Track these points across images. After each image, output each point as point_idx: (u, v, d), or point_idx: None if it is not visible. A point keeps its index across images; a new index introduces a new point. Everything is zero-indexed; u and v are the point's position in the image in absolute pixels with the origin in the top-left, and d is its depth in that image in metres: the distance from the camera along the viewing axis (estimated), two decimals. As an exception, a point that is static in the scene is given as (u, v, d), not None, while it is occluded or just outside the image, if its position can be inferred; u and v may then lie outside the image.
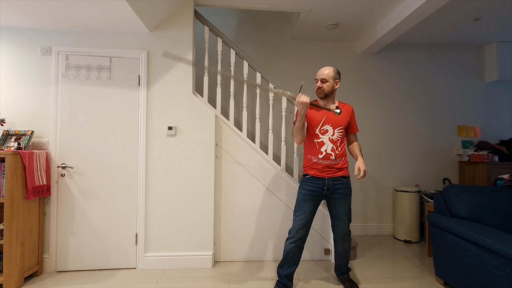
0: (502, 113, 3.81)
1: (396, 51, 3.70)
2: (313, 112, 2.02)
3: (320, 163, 1.99)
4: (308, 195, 2.00)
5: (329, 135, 1.98)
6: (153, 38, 2.54)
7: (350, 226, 2.12)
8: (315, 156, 2.00)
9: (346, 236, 2.08)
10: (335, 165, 1.99)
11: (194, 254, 2.52)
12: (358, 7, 2.77)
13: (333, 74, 2.00)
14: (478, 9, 2.84)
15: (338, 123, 2.00)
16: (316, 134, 2.00)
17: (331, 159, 1.97)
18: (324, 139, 1.98)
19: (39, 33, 2.45)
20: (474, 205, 2.07)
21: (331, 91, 2.02)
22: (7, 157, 2.05)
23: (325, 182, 1.98)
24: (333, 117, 1.99)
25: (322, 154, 1.97)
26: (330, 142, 1.98)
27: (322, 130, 1.99)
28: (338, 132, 1.99)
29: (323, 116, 2.00)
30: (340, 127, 2.00)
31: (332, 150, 1.97)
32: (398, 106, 3.69)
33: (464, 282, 1.92)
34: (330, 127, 1.99)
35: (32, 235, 2.27)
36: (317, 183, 2.00)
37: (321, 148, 1.98)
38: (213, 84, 3.17)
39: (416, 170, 3.69)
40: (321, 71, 2.01)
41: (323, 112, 2.00)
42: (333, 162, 1.98)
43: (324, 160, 1.97)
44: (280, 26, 3.59)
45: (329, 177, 1.99)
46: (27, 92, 2.43)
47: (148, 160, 2.51)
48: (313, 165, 2.01)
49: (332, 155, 1.97)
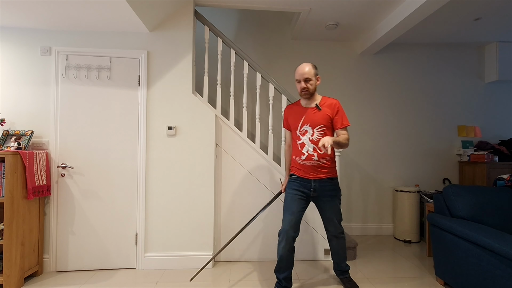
0: (502, 113, 3.81)
1: (396, 51, 3.70)
2: (292, 116, 2.01)
3: (303, 164, 1.95)
4: (296, 195, 1.96)
5: (309, 135, 1.93)
6: (153, 38, 2.54)
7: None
8: (299, 157, 1.97)
9: (340, 234, 2.06)
10: (319, 165, 1.93)
11: (194, 254, 2.52)
12: (358, 7, 2.77)
13: (314, 70, 1.92)
14: (478, 9, 2.84)
15: (317, 122, 1.92)
16: (297, 135, 1.97)
17: (313, 159, 1.91)
18: (305, 140, 1.94)
19: (39, 33, 2.45)
20: (474, 205, 2.07)
21: (315, 89, 1.95)
22: (7, 157, 2.05)
23: (311, 183, 1.94)
24: (312, 117, 1.93)
25: (304, 155, 1.93)
26: (310, 142, 1.92)
27: (301, 131, 1.95)
28: (318, 132, 1.91)
29: (302, 116, 1.96)
30: (320, 126, 1.91)
31: (314, 151, 1.91)
32: (398, 106, 3.69)
33: (464, 282, 1.92)
34: (309, 127, 1.93)
35: (32, 235, 2.27)
36: (304, 184, 1.96)
37: (303, 149, 1.94)
38: (213, 84, 3.17)
39: (416, 170, 3.69)
40: (301, 70, 1.90)
41: (301, 113, 1.97)
42: (317, 162, 1.92)
43: (307, 161, 1.93)
44: (280, 26, 3.59)
45: (316, 179, 1.93)
46: (27, 92, 2.43)
47: (148, 160, 2.51)
48: (298, 166, 1.99)
49: (314, 155, 1.91)
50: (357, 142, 3.63)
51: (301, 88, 1.91)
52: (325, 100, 1.97)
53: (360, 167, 3.64)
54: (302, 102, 2.01)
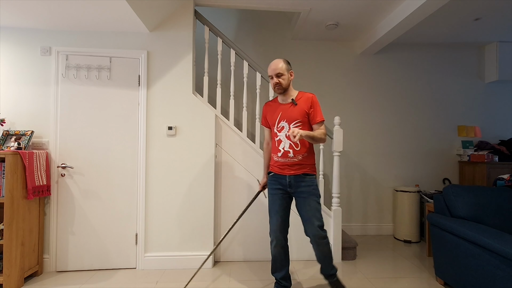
0: (502, 113, 3.81)
1: (396, 51, 3.70)
2: (270, 113, 1.98)
3: (279, 161, 1.91)
4: (275, 194, 1.94)
5: (285, 131, 1.88)
6: (153, 38, 2.54)
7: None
8: (275, 154, 1.94)
9: (320, 239, 1.85)
10: (295, 162, 1.87)
11: (194, 254, 2.52)
12: (358, 7, 2.77)
13: (286, 65, 1.88)
14: (478, 9, 2.84)
15: (293, 117, 1.87)
16: (275, 132, 1.94)
17: (289, 156, 1.87)
18: (281, 137, 1.90)
19: (39, 33, 2.44)
20: (474, 205, 2.07)
21: (288, 84, 1.90)
22: (7, 157, 2.05)
23: (286, 179, 1.89)
24: (288, 112, 1.89)
25: (280, 152, 1.89)
26: (287, 139, 1.88)
27: (279, 127, 1.91)
28: (294, 127, 1.84)
29: (278, 113, 1.93)
30: (296, 121, 1.87)
31: (290, 147, 1.86)
32: (398, 106, 3.69)
33: (464, 282, 1.92)
34: (286, 123, 1.89)
35: (32, 235, 2.27)
36: (280, 181, 1.92)
37: (280, 146, 1.90)
38: (213, 84, 3.17)
39: (416, 170, 3.69)
40: (274, 66, 1.86)
41: (278, 110, 1.94)
42: (292, 159, 1.87)
43: (283, 158, 1.89)
44: (280, 26, 3.59)
45: (291, 174, 1.88)
46: (27, 92, 2.43)
47: (148, 160, 2.51)
48: (275, 163, 1.95)
49: (290, 152, 1.86)
50: (357, 142, 3.63)
51: (274, 83, 1.87)
52: (301, 95, 1.93)
53: (360, 167, 3.64)
54: (279, 99, 1.97)
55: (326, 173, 3.55)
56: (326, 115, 3.58)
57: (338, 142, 2.71)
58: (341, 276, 2.38)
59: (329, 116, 3.57)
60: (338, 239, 2.69)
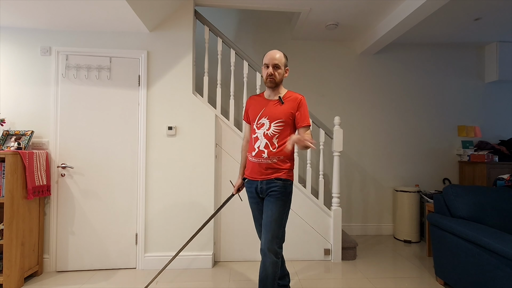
0: (502, 113, 3.81)
1: (396, 51, 3.70)
2: (253, 107, 1.79)
3: (253, 162, 1.71)
4: (251, 202, 1.79)
5: (264, 129, 1.68)
6: (153, 38, 2.54)
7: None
8: (250, 154, 1.74)
9: (270, 253, 1.59)
10: (268, 164, 1.66)
11: (194, 254, 2.52)
12: (358, 7, 2.77)
13: (284, 60, 1.71)
14: (478, 9, 2.84)
15: (276, 116, 1.68)
16: (253, 129, 1.75)
17: (262, 157, 1.66)
18: (259, 134, 1.70)
19: (39, 33, 2.44)
20: (474, 205, 2.07)
21: (281, 80, 1.72)
22: (7, 157, 2.05)
23: (257, 184, 1.70)
24: (272, 109, 1.70)
25: (254, 151, 1.69)
26: (264, 137, 1.67)
27: (258, 124, 1.72)
28: (275, 126, 1.67)
29: (261, 108, 1.73)
30: (278, 120, 1.67)
31: (265, 147, 1.66)
32: (398, 106, 3.69)
33: (464, 282, 1.92)
34: (267, 120, 1.69)
35: (32, 235, 2.27)
36: (252, 186, 1.73)
37: (255, 144, 1.70)
38: (213, 84, 3.17)
39: (416, 170, 3.69)
40: (272, 55, 1.67)
41: (263, 104, 1.74)
42: (265, 160, 1.66)
43: (256, 158, 1.68)
44: (280, 26, 3.59)
45: (262, 180, 1.67)
46: (27, 92, 2.43)
47: (148, 160, 2.51)
48: (248, 164, 1.76)
49: (265, 152, 1.66)
50: (357, 142, 3.63)
51: (268, 73, 1.67)
52: (290, 94, 1.74)
53: (360, 167, 3.64)
54: (266, 94, 1.79)
55: (326, 173, 3.55)
56: (326, 115, 3.58)
57: (338, 142, 2.71)
58: (341, 276, 2.39)
59: (329, 116, 3.57)
60: (338, 239, 2.69)
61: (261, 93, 1.85)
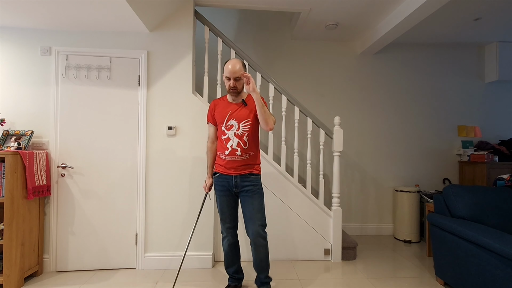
0: (502, 113, 3.81)
1: (396, 51, 3.70)
2: (218, 110, 1.98)
3: (226, 159, 1.92)
4: (222, 196, 1.97)
5: (234, 130, 1.91)
6: (153, 38, 2.54)
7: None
8: (222, 153, 1.94)
9: (260, 239, 1.89)
10: (242, 160, 1.90)
11: (194, 254, 2.52)
12: (358, 7, 2.77)
13: (243, 68, 1.88)
14: (478, 9, 2.84)
15: (243, 117, 1.91)
16: (222, 130, 1.94)
17: (237, 154, 1.89)
18: (230, 135, 1.91)
19: (39, 33, 2.44)
20: (474, 205, 2.07)
21: (243, 88, 1.93)
22: (7, 157, 2.05)
23: (232, 179, 1.91)
24: (238, 112, 1.92)
25: (228, 150, 1.90)
26: (235, 137, 1.90)
27: (227, 126, 1.93)
28: (243, 126, 1.90)
29: (227, 112, 1.94)
30: (245, 121, 1.91)
31: (238, 145, 1.90)
32: (398, 106, 3.69)
33: (464, 282, 1.92)
34: (235, 121, 1.91)
35: (32, 235, 2.27)
36: (226, 181, 1.93)
37: (227, 144, 1.91)
38: (213, 84, 3.16)
39: (416, 170, 3.69)
40: (233, 69, 1.83)
41: (228, 108, 1.95)
42: (239, 157, 1.90)
43: (230, 156, 1.90)
44: (280, 26, 3.59)
45: (237, 174, 1.91)
46: (27, 92, 2.43)
47: (148, 160, 2.51)
48: (221, 161, 1.95)
49: (238, 150, 1.89)
50: (357, 142, 3.63)
51: (230, 86, 1.87)
52: (250, 96, 1.96)
53: (360, 167, 3.64)
54: (229, 98, 1.98)
55: (326, 173, 3.55)
56: (326, 115, 3.58)
57: (338, 142, 2.71)
58: (341, 276, 2.39)
59: (329, 116, 3.57)
60: (338, 239, 2.70)
61: (223, 97, 2.04)
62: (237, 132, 1.90)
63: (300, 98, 3.53)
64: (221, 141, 1.95)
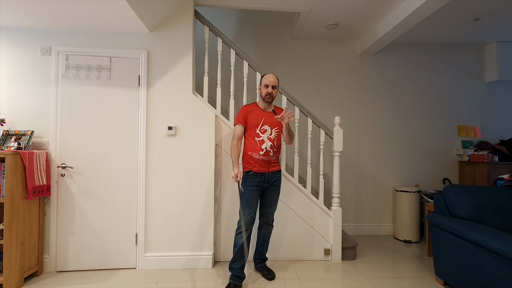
0: (502, 113, 3.81)
1: (396, 51, 3.70)
2: (253, 115, 2.26)
3: (261, 159, 2.21)
4: (253, 190, 2.20)
5: (268, 134, 2.24)
6: (153, 38, 2.54)
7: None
8: (256, 153, 2.21)
9: (271, 222, 2.37)
10: (273, 160, 2.26)
11: (194, 254, 2.52)
12: (358, 7, 2.77)
13: (278, 82, 2.27)
14: (478, 9, 2.84)
15: (274, 124, 2.27)
16: (257, 133, 2.24)
17: (270, 155, 2.23)
18: (264, 138, 2.23)
19: (39, 33, 2.44)
20: (474, 205, 2.07)
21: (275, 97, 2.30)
22: (7, 157, 2.05)
23: (266, 176, 2.22)
24: (271, 119, 2.26)
25: (262, 151, 2.21)
26: (268, 140, 2.23)
27: (262, 129, 2.24)
28: (275, 132, 2.26)
29: (262, 118, 2.25)
30: (276, 127, 2.28)
31: (270, 148, 2.23)
32: (398, 106, 3.69)
33: (464, 282, 1.92)
34: (268, 127, 2.25)
35: (32, 235, 2.27)
36: (260, 178, 2.21)
37: (262, 146, 2.22)
38: (213, 84, 3.17)
39: (416, 170, 3.69)
40: (272, 78, 2.22)
41: (262, 114, 2.27)
42: (271, 157, 2.24)
43: (265, 156, 2.21)
44: (280, 26, 3.59)
45: (269, 172, 2.24)
46: (27, 92, 2.43)
47: (148, 160, 2.51)
48: (254, 161, 2.21)
49: (271, 151, 2.23)
50: (357, 142, 3.63)
51: (268, 92, 2.21)
52: (277, 108, 2.37)
53: (360, 167, 3.64)
54: (261, 106, 2.29)
55: (326, 173, 3.55)
56: (326, 115, 3.58)
57: (338, 142, 2.71)
58: (341, 276, 2.39)
59: (329, 116, 3.57)
60: (338, 239, 2.70)
61: (252, 104, 2.33)
62: (270, 136, 2.25)
63: (300, 98, 3.53)
64: (255, 143, 2.24)
